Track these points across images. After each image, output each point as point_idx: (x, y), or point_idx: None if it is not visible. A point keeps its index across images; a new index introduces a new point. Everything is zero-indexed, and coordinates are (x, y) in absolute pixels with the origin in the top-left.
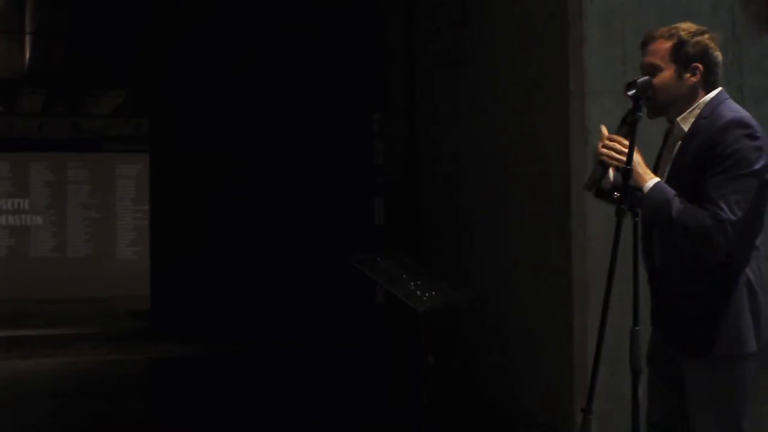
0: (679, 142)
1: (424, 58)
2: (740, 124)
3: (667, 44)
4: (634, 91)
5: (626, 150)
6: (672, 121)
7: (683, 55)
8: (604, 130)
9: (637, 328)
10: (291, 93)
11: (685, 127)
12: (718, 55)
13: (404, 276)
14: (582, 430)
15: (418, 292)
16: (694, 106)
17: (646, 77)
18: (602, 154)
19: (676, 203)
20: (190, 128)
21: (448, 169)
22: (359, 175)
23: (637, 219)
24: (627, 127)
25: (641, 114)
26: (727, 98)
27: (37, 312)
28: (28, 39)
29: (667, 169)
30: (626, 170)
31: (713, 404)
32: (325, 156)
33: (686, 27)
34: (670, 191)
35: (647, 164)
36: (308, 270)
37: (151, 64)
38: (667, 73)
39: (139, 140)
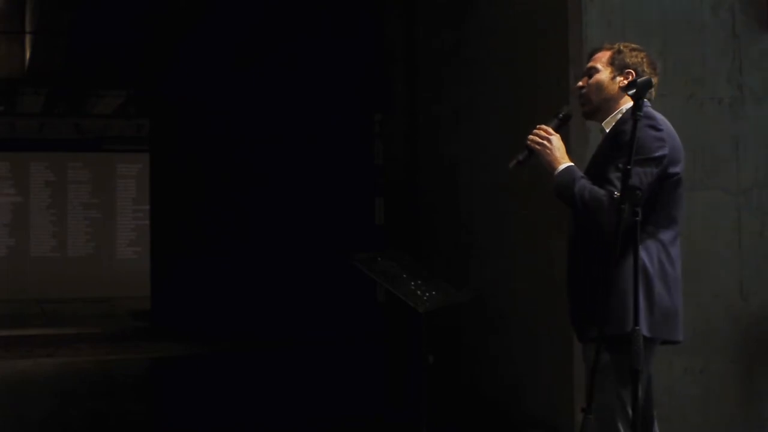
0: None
1: (424, 58)
2: (646, 114)
3: (608, 52)
4: (634, 90)
5: (548, 135)
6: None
7: (620, 61)
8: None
9: (637, 327)
10: (291, 93)
11: (608, 130)
12: (651, 74)
13: (404, 275)
14: (582, 430)
15: (419, 292)
16: (617, 110)
17: (647, 77)
18: (528, 139)
19: (580, 182)
20: (191, 128)
21: (448, 169)
22: (359, 174)
23: (637, 219)
24: (557, 121)
25: (641, 114)
26: (646, 105)
27: (37, 312)
28: (28, 39)
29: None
30: (626, 170)
31: (603, 383)
32: (325, 156)
33: (628, 44)
34: (578, 173)
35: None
36: (309, 269)
37: (151, 65)
38: (603, 74)
39: (140, 140)
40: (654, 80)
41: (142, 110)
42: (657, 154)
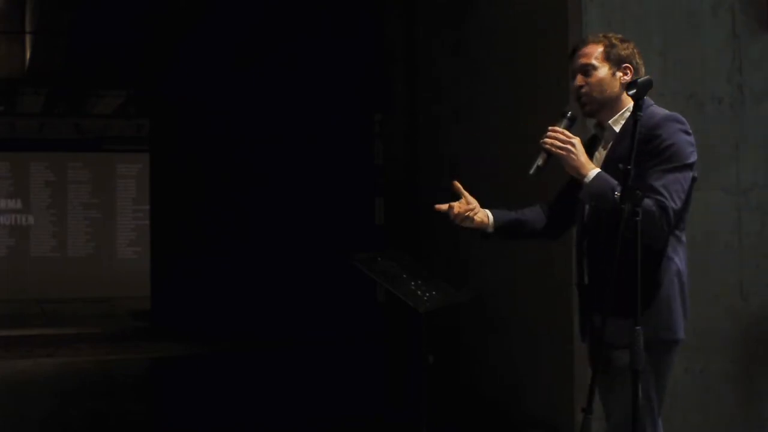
0: (611, 142)
1: (424, 58)
2: (676, 119)
3: (599, 47)
4: (634, 90)
5: (569, 139)
6: (602, 125)
7: (615, 56)
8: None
9: (638, 327)
10: (291, 93)
11: (617, 129)
12: (642, 65)
13: (404, 275)
14: (582, 430)
15: (419, 292)
16: (625, 108)
17: (647, 77)
18: (546, 142)
19: (618, 191)
20: (190, 128)
21: (448, 169)
22: (359, 174)
23: (637, 219)
24: (567, 121)
25: (641, 114)
26: (653, 103)
27: (37, 312)
28: (28, 39)
29: (600, 166)
30: (626, 170)
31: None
32: (325, 156)
33: (613, 34)
34: (613, 180)
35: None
36: (309, 269)
37: (151, 65)
38: (602, 71)
39: (140, 140)
40: (643, 71)
41: (142, 110)
42: (691, 160)
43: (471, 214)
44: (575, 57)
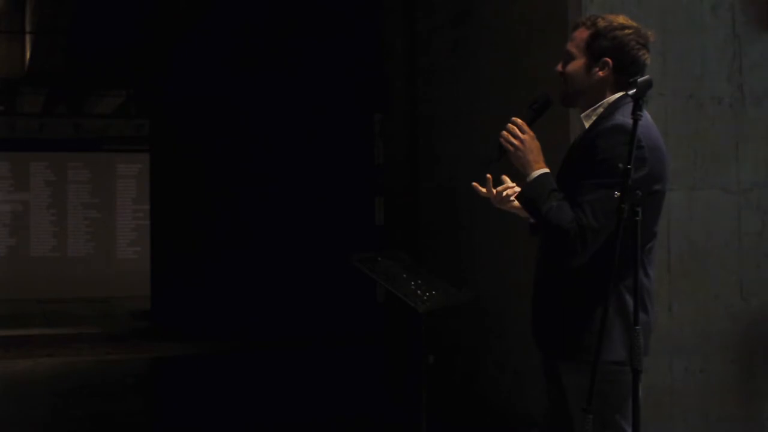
0: (579, 136)
1: (424, 57)
2: (624, 130)
3: (585, 33)
4: (634, 90)
5: (521, 135)
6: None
7: (596, 48)
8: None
9: (638, 327)
10: (291, 93)
11: (586, 124)
12: (641, 56)
13: (404, 275)
14: (582, 430)
15: (419, 292)
16: (599, 104)
17: (647, 76)
18: (501, 135)
19: (550, 199)
20: (190, 128)
21: (448, 169)
22: (359, 174)
23: (638, 219)
24: (531, 113)
25: (641, 113)
26: (628, 102)
27: (37, 312)
28: (28, 39)
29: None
30: (626, 170)
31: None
32: (325, 156)
33: (611, 18)
34: (550, 186)
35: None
36: (309, 269)
37: (151, 64)
38: (578, 63)
39: (140, 140)
40: (646, 57)
41: (142, 110)
42: (634, 176)
43: (511, 192)
44: (569, 37)
